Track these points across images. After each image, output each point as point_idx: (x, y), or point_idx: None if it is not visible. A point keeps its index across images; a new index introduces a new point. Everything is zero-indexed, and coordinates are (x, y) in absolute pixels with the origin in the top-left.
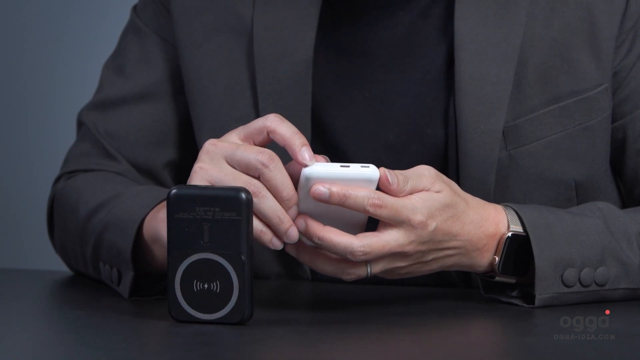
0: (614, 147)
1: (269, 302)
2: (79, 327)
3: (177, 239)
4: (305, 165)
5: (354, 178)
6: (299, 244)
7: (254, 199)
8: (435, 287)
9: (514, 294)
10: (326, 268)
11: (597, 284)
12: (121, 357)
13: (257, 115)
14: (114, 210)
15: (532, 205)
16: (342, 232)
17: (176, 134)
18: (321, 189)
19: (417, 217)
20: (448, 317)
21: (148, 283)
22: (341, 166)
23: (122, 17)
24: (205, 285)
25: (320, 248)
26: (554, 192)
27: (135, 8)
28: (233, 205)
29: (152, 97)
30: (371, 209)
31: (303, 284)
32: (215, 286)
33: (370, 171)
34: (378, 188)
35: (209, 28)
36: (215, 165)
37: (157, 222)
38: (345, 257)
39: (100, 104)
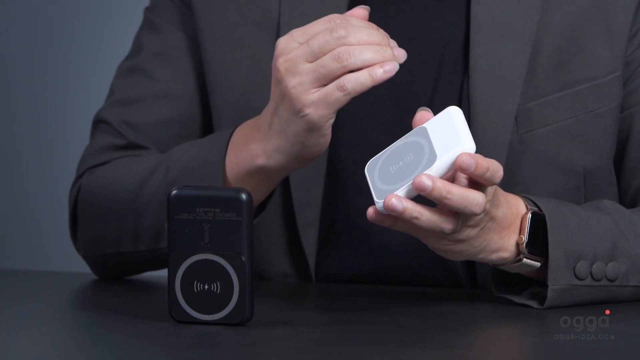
0: (619, 137)
1: (270, 303)
2: (79, 328)
3: (178, 239)
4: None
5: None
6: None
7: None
8: (438, 288)
9: (526, 293)
10: (410, 232)
11: (607, 279)
12: (121, 357)
13: None
14: (174, 166)
15: (546, 198)
16: (436, 215)
17: (201, 127)
18: (426, 182)
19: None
20: (449, 318)
21: None
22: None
23: (139, 19)
24: (206, 286)
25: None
26: (563, 178)
27: (148, 8)
28: (233, 206)
29: (175, 91)
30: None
31: (303, 285)
32: (216, 287)
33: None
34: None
35: (231, 21)
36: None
37: (252, 154)
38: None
39: (120, 102)
